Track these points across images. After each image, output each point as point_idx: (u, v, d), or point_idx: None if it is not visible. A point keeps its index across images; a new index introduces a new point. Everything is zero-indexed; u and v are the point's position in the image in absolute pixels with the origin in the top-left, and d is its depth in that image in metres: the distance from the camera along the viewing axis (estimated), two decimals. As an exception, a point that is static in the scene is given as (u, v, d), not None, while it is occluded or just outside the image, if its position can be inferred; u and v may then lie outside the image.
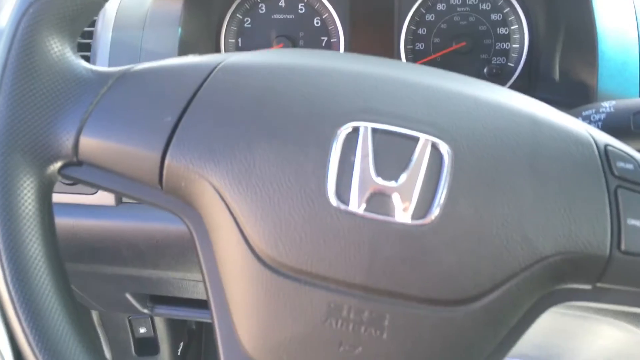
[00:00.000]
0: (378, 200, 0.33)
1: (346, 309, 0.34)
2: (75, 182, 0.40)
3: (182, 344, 1.26)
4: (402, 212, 0.33)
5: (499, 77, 0.78)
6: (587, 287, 0.36)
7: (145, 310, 0.94)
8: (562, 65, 0.73)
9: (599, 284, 0.35)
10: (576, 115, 0.50)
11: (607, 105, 0.49)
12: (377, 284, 0.33)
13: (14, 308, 0.36)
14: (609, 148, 0.36)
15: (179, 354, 1.24)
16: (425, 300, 0.33)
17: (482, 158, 0.34)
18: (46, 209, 0.38)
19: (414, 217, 0.33)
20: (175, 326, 1.20)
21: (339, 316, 0.34)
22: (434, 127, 0.35)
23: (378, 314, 0.33)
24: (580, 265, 0.34)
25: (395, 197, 0.33)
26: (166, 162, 0.36)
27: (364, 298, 0.33)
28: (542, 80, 0.76)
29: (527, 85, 0.79)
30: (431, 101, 0.36)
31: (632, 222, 0.34)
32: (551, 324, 0.74)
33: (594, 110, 0.49)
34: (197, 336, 1.36)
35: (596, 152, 0.36)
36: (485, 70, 0.78)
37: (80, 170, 0.39)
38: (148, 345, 1.17)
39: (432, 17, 0.79)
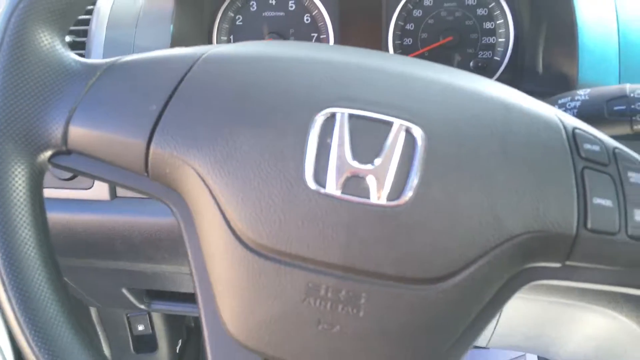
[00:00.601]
0: (354, 183, 0.34)
1: (324, 288, 0.34)
2: (64, 170, 0.41)
3: (180, 341, 1.26)
4: (377, 194, 0.34)
5: (485, 70, 0.79)
6: (557, 265, 0.37)
7: (142, 306, 0.94)
8: (545, 58, 0.74)
9: (568, 262, 0.36)
10: (553, 104, 0.51)
11: (582, 94, 0.50)
12: (354, 263, 0.34)
13: (5, 291, 0.37)
14: (577, 131, 0.37)
15: (177, 351, 1.25)
16: (399, 279, 0.34)
17: (455, 141, 0.35)
18: (37, 197, 0.39)
19: (388, 198, 0.34)
20: (173, 323, 1.20)
21: (317, 295, 0.35)
22: (408, 112, 0.35)
23: (354, 293, 0.34)
24: (549, 243, 0.35)
25: (371, 180, 0.34)
26: (151, 149, 0.37)
27: (340, 277, 0.34)
28: (527, 72, 0.77)
29: (513, 78, 0.79)
30: (406, 88, 0.37)
31: (597, 201, 0.35)
32: (540, 314, 0.75)
33: (569, 98, 0.50)
34: (196, 333, 1.37)
35: (564, 135, 0.36)
36: (471, 64, 0.79)
37: (69, 159, 0.40)
38: (146, 342, 1.18)
39: (419, 13, 0.80)
